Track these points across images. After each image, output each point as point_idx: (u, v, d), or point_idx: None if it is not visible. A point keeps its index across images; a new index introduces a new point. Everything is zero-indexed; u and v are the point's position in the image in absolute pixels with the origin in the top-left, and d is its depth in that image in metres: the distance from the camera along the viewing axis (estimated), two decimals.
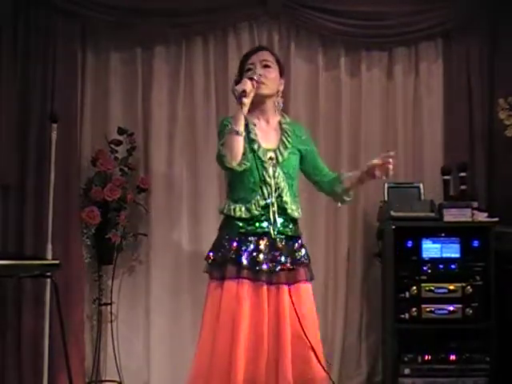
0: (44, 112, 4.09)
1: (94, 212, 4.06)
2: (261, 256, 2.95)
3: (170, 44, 4.38)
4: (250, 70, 3.08)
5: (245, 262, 2.94)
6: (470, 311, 3.91)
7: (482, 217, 4.00)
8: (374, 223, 4.28)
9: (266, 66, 3.09)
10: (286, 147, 3.07)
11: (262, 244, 2.98)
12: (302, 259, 3.03)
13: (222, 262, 2.97)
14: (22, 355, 4.00)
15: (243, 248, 2.97)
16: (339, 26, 4.32)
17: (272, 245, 2.98)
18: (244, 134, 2.91)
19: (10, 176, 4.02)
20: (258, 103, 3.07)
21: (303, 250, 3.06)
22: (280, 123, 3.13)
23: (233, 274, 2.95)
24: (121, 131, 4.25)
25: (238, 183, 3.05)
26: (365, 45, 4.45)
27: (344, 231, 4.40)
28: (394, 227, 3.97)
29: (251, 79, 2.93)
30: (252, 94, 2.92)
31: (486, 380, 3.90)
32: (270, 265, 2.94)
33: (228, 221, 3.05)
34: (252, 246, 2.97)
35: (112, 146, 4.22)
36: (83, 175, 4.25)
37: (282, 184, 3.01)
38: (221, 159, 2.94)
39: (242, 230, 3.00)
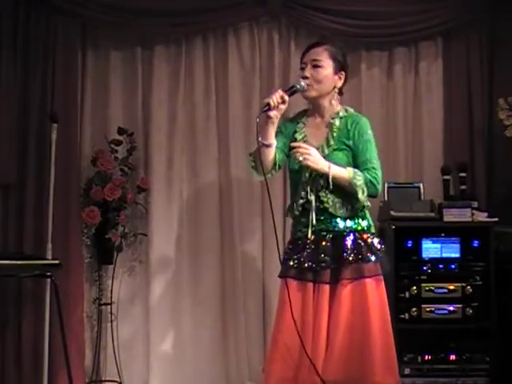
0: (44, 112, 4.09)
1: (94, 212, 4.06)
2: (305, 255, 3.00)
3: (170, 44, 4.38)
4: (302, 69, 3.12)
5: (291, 262, 3.02)
6: (470, 311, 3.91)
7: (482, 217, 4.00)
8: (374, 223, 4.28)
9: (316, 67, 3.08)
10: (328, 144, 3.05)
11: (308, 243, 3.01)
12: (351, 256, 2.97)
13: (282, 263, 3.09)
14: (22, 355, 4.00)
15: (294, 248, 3.06)
16: (339, 26, 4.31)
17: (315, 244, 3.00)
18: (274, 144, 2.99)
19: (10, 176, 4.02)
20: (313, 102, 3.12)
21: (363, 246, 3.00)
22: (332, 118, 3.10)
23: (282, 274, 3.06)
24: (121, 131, 4.25)
25: (289, 183, 3.17)
26: (365, 45, 4.46)
27: None
28: (393, 227, 3.97)
29: (288, 90, 3.00)
30: (283, 107, 2.97)
31: (486, 380, 3.90)
32: (313, 264, 2.97)
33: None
34: (300, 247, 3.03)
35: (112, 145, 4.22)
36: (83, 175, 4.25)
37: (321, 182, 3.00)
38: (250, 169, 3.08)
39: (296, 231, 3.10)
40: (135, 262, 4.35)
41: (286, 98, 2.96)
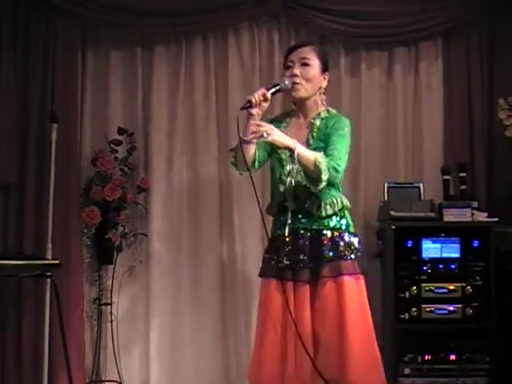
0: (44, 112, 4.09)
1: (94, 212, 4.06)
2: (283, 254, 2.99)
3: (170, 43, 4.39)
4: (289, 67, 3.09)
5: (271, 261, 3.02)
6: (470, 311, 3.90)
7: (481, 217, 4.00)
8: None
9: (305, 65, 3.06)
10: (308, 143, 3.04)
11: (286, 242, 3.00)
12: (329, 254, 2.96)
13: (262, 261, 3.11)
14: (22, 355, 4.00)
15: (272, 247, 3.05)
16: (339, 26, 4.32)
17: (294, 242, 3.00)
18: (255, 140, 2.95)
19: (10, 176, 4.02)
20: (299, 102, 3.11)
21: (341, 244, 2.98)
22: (313, 119, 3.09)
23: (262, 273, 3.08)
24: (121, 131, 4.25)
25: (270, 182, 3.16)
26: (365, 45, 4.46)
27: None
28: (393, 227, 3.97)
29: (272, 88, 2.97)
30: (265, 105, 2.94)
31: (486, 380, 3.89)
32: (292, 263, 2.97)
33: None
34: (279, 246, 3.02)
35: (112, 145, 4.22)
36: (83, 175, 4.25)
37: (299, 181, 2.99)
38: (230, 164, 3.09)
39: (275, 229, 3.09)
40: (135, 262, 4.35)
41: (269, 95, 2.94)
